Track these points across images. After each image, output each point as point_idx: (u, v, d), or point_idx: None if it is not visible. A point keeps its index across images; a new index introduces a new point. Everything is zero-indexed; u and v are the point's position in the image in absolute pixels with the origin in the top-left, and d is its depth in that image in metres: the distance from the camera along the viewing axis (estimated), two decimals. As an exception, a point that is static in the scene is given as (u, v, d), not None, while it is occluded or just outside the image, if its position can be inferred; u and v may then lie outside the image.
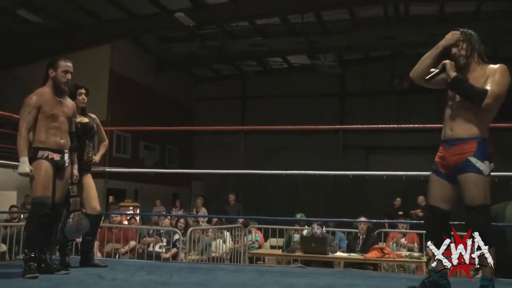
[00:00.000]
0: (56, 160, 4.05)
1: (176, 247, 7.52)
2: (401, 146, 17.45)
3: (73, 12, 14.12)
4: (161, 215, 10.19)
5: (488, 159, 3.15)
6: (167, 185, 17.46)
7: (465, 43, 3.30)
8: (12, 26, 14.69)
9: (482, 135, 3.16)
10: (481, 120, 3.18)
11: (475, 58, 3.29)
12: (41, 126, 4.03)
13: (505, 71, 3.19)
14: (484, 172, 3.12)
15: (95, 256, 5.16)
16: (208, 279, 4.14)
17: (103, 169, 7.11)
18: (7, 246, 6.92)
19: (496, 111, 3.22)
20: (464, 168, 3.14)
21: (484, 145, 3.15)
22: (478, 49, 3.30)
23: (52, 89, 4.11)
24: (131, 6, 13.95)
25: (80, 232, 4.41)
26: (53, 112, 4.05)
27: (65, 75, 4.11)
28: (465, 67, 3.30)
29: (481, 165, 3.12)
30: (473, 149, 3.14)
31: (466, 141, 3.17)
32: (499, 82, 3.14)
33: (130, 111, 15.55)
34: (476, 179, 3.12)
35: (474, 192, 3.11)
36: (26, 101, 4.04)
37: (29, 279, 3.76)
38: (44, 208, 3.92)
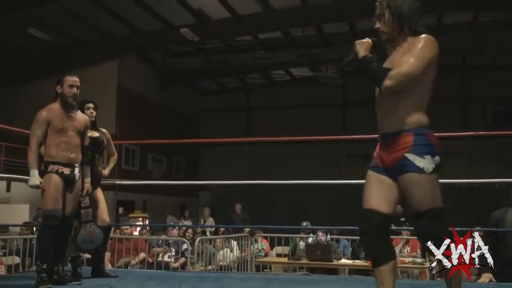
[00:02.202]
0: (66, 174, 4.05)
1: (185, 256, 7.51)
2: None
3: (82, 29, 14.25)
4: (169, 225, 10.19)
5: (429, 152, 2.45)
6: (175, 196, 17.46)
7: (390, 16, 2.56)
8: (22, 43, 14.81)
9: (418, 124, 2.48)
10: (413, 107, 2.49)
11: (404, 30, 2.55)
12: (51, 141, 4.05)
13: (425, 44, 2.47)
14: (426, 169, 2.43)
15: (106, 267, 5.17)
16: (217, 288, 4.14)
17: (113, 182, 7.12)
18: (20, 258, 6.94)
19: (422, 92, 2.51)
20: (403, 168, 2.46)
21: (422, 137, 2.46)
22: (408, 20, 2.53)
23: (61, 105, 4.13)
24: (138, 22, 14.08)
25: (94, 242, 4.40)
26: (63, 127, 4.06)
27: (71, 90, 4.12)
28: (394, 42, 2.60)
29: (421, 162, 2.43)
30: (409, 144, 2.45)
31: (400, 135, 2.49)
32: (408, 59, 2.44)
33: (137, 124, 15.59)
34: (418, 180, 2.43)
35: (419, 196, 2.44)
36: (36, 117, 4.07)
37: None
38: (55, 220, 3.92)
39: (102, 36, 14.71)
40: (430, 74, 2.51)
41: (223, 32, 14.61)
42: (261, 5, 13.19)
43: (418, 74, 2.44)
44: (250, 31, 14.69)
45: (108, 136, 4.97)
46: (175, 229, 9.08)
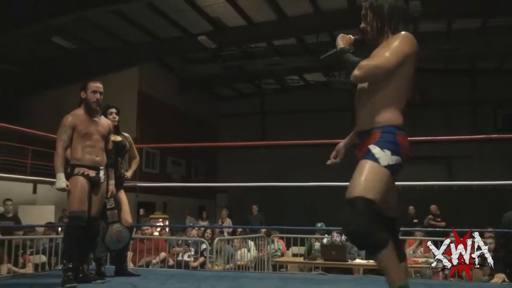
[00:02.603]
0: (91, 176, 4.06)
1: (204, 256, 7.51)
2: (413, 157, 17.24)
3: (104, 38, 14.37)
4: (189, 226, 10.21)
5: (391, 148, 2.33)
6: (194, 197, 17.50)
7: (371, 15, 2.50)
8: (47, 51, 14.97)
9: (388, 123, 2.38)
10: (386, 106, 2.39)
11: (385, 29, 2.48)
12: (76, 144, 4.07)
13: (399, 40, 2.38)
14: (380, 160, 2.30)
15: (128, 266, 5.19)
16: (235, 286, 4.13)
17: (135, 184, 7.15)
18: (47, 257, 6.98)
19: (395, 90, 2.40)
20: (363, 158, 2.37)
21: (389, 134, 2.36)
22: (388, 19, 2.46)
23: (85, 110, 4.15)
24: (157, 31, 14.16)
25: (121, 242, 4.41)
26: (87, 131, 4.09)
27: (94, 95, 4.14)
28: (376, 41, 2.50)
29: (378, 153, 2.31)
30: (375, 139, 2.36)
31: (370, 133, 2.40)
32: (382, 52, 2.36)
33: (157, 128, 15.66)
34: (367, 165, 2.31)
35: (356, 181, 2.29)
36: (62, 122, 4.10)
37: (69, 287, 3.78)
38: (80, 221, 3.94)
39: (123, 44, 14.81)
40: (404, 71, 2.39)
41: (239, 39, 14.63)
42: (276, 13, 13.19)
43: (390, 67, 2.34)
44: (265, 38, 14.69)
45: (130, 140, 4.99)
46: (194, 229, 9.09)
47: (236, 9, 12.85)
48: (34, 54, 15.14)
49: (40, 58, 15.39)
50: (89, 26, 13.42)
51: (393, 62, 2.33)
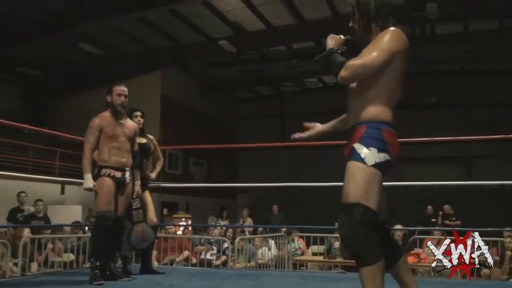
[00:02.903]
0: (117, 177, 4.10)
1: (226, 254, 7.53)
2: (431, 157, 17.10)
3: (128, 43, 14.50)
4: (211, 225, 10.24)
5: (376, 145, 2.18)
6: (215, 197, 17.56)
7: (358, 13, 2.38)
8: (73, 57, 15.16)
9: (374, 118, 2.25)
10: (371, 101, 2.26)
11: (372, 27, 2.36)
12: (103, 146, 4.11)
13: (386, 37, 2.25)
14: (367, 160, 2.15)
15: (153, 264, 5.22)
16: (257, 284, 4.13)
17: (158, 184, 7.20)
18: (75, 255, 7.07)
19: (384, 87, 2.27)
20: (349, 157, 2.22)
21: (374, 130, 2.21)
22: (375, 16, 2.34)
23: (111, 112, 4.19)
24: (179, 36, 14.24)
25: (146, 241, 4.44)
26: (114, 133, 4.12)
27: (119, 98, 4.18)
28: (366, 40, 2.37)
29: (364, 152, 2.16)
30: (359, 135, 2.23)
31: (355, 128, 2.28)
32: (370, 50, 2.23)
33: (180, 130, 15.75)
34: (355, 168, 2.16)
35: (349, 185, 2.16)
36: (90, 124, 4.14)
37: (96, 285, 3.82)
38: (107, 221, 3.97)
39: (147, 49, 14.93)
40: (394, 68, 2.25)
41: (258, 43, 14.65)
42: (294, 17, 13.16)
43: (377, 66, 2.21)
44: (284, 41, 14.68)
45: (154, 142, 5.03)
46: (216, 228, 9.11)
47: (255, 13, 12.86)
48: (62, 59, 15.34)
49: (68, 64, 15.59)
50: (114, 32, 13.56)
51: (380, 60, 2.21)
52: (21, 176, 12.22)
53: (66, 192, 13.78)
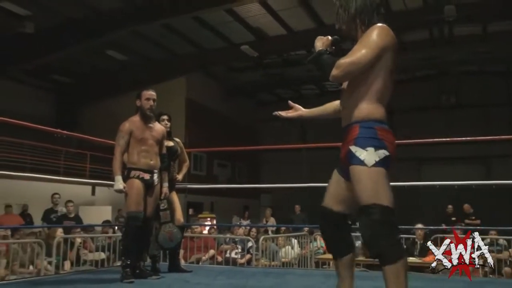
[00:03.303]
0: (146, 179, 4.12)
1: (250, 253, 7.53)
2: (450, 157, 16.86)
3: (154, 50, 14.64)
4: (235, 225, 10.26)
5: (373, 144, 2.15)
6: (238, 198, 17.59)
7: (342, 12, 2.35)
8: (101, 63, 15.37)
9: (367, 117, 2.20)
10: (364, 99, 2.23)
11: (357, 26, 2.32)
12: (133, 149, 4.14)
13: (374, 33, 2.19)
14: (367, 162, 2.13)
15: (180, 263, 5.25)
16: (281, 283, 4.12)
17: (185, 186, 7.24)
18: (106, 254, 7.15)
19: (375, 84, 2.23)
20: (349, 161, 2.20)
21: (368, 130, 2.18)
22: (359, 15, 2.30)
23: (141, 116, 4.21)
24: (203, 42, 14.33)
25: (173, 241, 4.46)
26: (143, 137, 4.14)
27: (148, 102, 4.19)
28: (355, 38, 2.33)
29: (362, 154, 2.14)
30: (354, 136, 2.20)
31: (350, 128, 2.24)
32: (359, 48, 2.18)
33: (204, 133, 15.82)
34: (358, 173, 2.15)
35: (359, 190, 2.14)
36: (120, 128, 4.17)
37: (127, 283, 3.84)
38: (137, 221, 4.00)
39: (172, 55, 15.05)
40: (383, 64, 2.21)
41: (279, 48, 14.64)
42: (315, 21, 13.12)
43: (366, 62, 2.16)
44: (304, 45, 14.60)
45: (181, 144, 5.06)
46: (240, 228, 9.13)
47: (276, 19, 12.86)
48: (91, 66, 15.58)
49: (96, 70, 15.82)
50: (141, 39, 13.71)
51: (369, 57, 2.16)
52: (54, 178, 12.43)
53: (97, 193, 13.97)
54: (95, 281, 4.20)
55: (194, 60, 15.20)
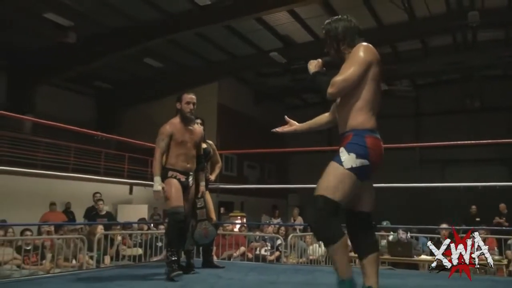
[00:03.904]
0: (182, 181, 4.06)
1: (279, 250, 7.50)
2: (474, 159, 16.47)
3: (188, 57, 14.78)
4: (265, 223, 10.24)
5: (357, 152, 2.36)
6: (267, 197, 17.56)
7: (329, 38, 2.61)
8: (139, 71, 15.59)
9: (360, 126, 2.42)
10: (356, 110, 2.44)
11: (343, 48, 2.56)
12: (172, 151, 4.05)
13: (360, 51, 2.43)
14: (344, 163, 2.34)
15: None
16: (310, 279, 4.09)
17: (217, 186, 7.27)
18: (143, 250, 7.23)
19: (365, 96, 2.43)
20: (333, 157, 2.43)
21: (358, 137, 2.39)
22: (344, 37, 2.55)
23: (181, 119, 4.11)
24: (234, 49, 14.39)
25: (208, 238, 4.44)
26: (183, 139, 4.05)
27: (188, 106, 4.08)
28: (342, 60, 2.54)
29: (344, 156, 2.36)
30: (346, 141, 2.42)
31: (344, 135, 2.47)
32: (348, 66, 2.41)
33: (235, 136, 15.86)
34: (332, 167, 2.37)
35: (322, 180, 2.37)
36: (161, 130, 4.06)
37: (175, 277, 3.75)
38: (180, 216, 3.90)
39: (205, 62, 15.16)
40: (370, 77, 2.43)
41: (306, 54, 14.54)
42: (340, 29, 13.03)
43: (356, 78, 2.40)
44: (331, 52, 14.55)
45: (214, 147, 5.07)
46: (270, 226, 9.10)
47: (304, 27, 12.83)
48: (129, 73, 15.83)
49: (134, 77, 16.07)
50: (175, 47, 13.86)
51: (358, 73, 2.39)
52: (94, 178, 12.66)
53: (134, 192, 14.15)
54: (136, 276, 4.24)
55: (225, 66, 15.29)
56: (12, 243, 6.32)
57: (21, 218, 8.58)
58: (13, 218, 8.19)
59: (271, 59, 14.03)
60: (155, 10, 11.84)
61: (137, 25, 12.32)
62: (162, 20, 12.12)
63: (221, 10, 11.62)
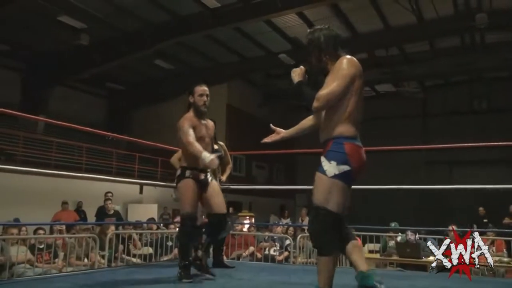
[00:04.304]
0: (201, 179, 3.77)
1: (288, 251, 7.46)
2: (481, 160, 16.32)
3: (197, 59, 14.79)
4: (274, 224, 10.21)
5: (337, 160, 2.44)
6: (275, 197, 17.54)
7: (311, 46, 2.63)
8: (150, 72, 15.63)
9: (339, 135, 2.49)
10: (339, 120, 2.50)
11: (325, 56, 2.59)
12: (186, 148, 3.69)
13: (344, 64, 2.49)
14: (327, 172, 2.44)
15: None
16: (321, 280, 4.04)
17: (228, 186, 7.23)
18: (153, 249, 7.21)
19: (349, 107, 2.49)
20: (317, 168, 2.52)
21: (338, 145, 2.47)
22: (326, 47, 2.58)
23: (195, 113, 3.81)
24: (243, 51, 14.39)
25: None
26: (201, 135, 3.75)
27: (201, 98, 3.81)
28: (325, 70, 2.60)
29: (326, 165, 2.45)
30: (327, 149, 2.51)
31: (325, 143, 2.55)
32: (332, 79, 2.47)
33: (243, 136, 15.83)
34: (318, 179, 2.47)
35: (314, 192, 2.48)
36: (182, 123, 3.70)
37: (185, 283, 3.60)
38: (192, 221, 3.69)
39: (214, 64, 15.17)
40: (353, 90, 2.50)
41: (315, 56, 14.52)
42: (349, 30, 12.99)
43: (340, 91, 2.46)
44: (339, 54, 14.50)
45: (225, 148, 5.05)
46: (279, 227, 9.06)
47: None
48: (140, 75, 15.87)
49: (144, 78, 16.10)
50: (186, 49, 13.88)
51: (342, 86, 2.46)
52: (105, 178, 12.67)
53: (144, 192, 14.18)
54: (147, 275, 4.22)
55: (234, 68, 15.28)
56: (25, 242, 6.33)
57: (33, 217, 8.61)
58: (26, 217, 8.22)
59: (280, 61, 14.00)
60: (166, 13, 11.87)
61: (149, 28, 12.35)
62: (172, 23, 12.14)
63: (230, 12, 11.62)
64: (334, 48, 2.59)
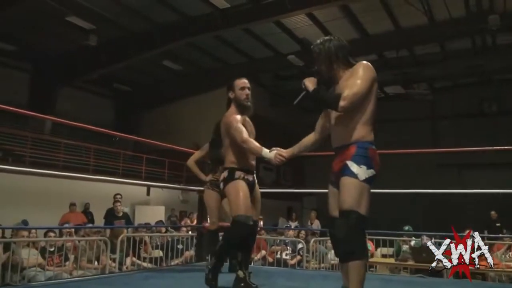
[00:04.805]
0: (250, 181, 3.46)
1: (300, 255, 7.37)
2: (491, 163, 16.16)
3: (206, 60, 14.73)
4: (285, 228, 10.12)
5: (366, 164, 2.48)
6: (282, 200, 17.43)
7: (321, 56, 2.67)
8: (158, 73, 15.58)
9: (362, 139, 2.52)
10: (359, 123, 2.53)
11: (339, 65, 2.64)
12: (235, 149, 3.43)
13: (363, 68, 2.54)
14: (359, 176, 2.45)
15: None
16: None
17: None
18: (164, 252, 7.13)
19: (368, 110, 2.54)
20: (342, 172, 2.50)
21: (363, 150, 2.50)
22: (337, 57, 2.64)
23: (239, 110, 3.51)
24: (252, 52, 14.31)
25: None
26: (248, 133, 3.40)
27: (243, 91, 3.55)
28: (335, 78, 2.66)
29: (356, 169, 2.46)
30: (351, 154, 2.51)
31: (346, 147, 2.54)
32: (355, 81, 2.49)
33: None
34: (349, 183, 2.46)
35: (345, 196, 2.46)
36: (231, 120, 3.43)
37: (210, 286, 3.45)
38: (247, 227, 3.30)
39: (222, 64, 15.09)
40: (372, 93, 2.54)
41: (325, 57, 14.43)
42: (358, 32, 12.90)
43: (365, 92, 2.50)
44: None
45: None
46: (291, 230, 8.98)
47: (322, 30, 12.67)
48: (148, 75, 15.83)
49: (153, 79, 16.05)
50: (194, 50, 13.82)
51: (366, 87, 2.50)
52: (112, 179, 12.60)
53: (151, 193, 14.12)
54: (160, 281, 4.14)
55: (243, 68, 15.15)
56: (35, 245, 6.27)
57: (41, 218, 8.55)
58: (34, 218, 8.17)
59: (289, 62, 13.91)
60: (175, 13, 11.81)
61: (158, 28, 12.29)
62: (181, 23, 12.08)
63: (240, 13, 11.55)
64: (346, 58, 2.65)
